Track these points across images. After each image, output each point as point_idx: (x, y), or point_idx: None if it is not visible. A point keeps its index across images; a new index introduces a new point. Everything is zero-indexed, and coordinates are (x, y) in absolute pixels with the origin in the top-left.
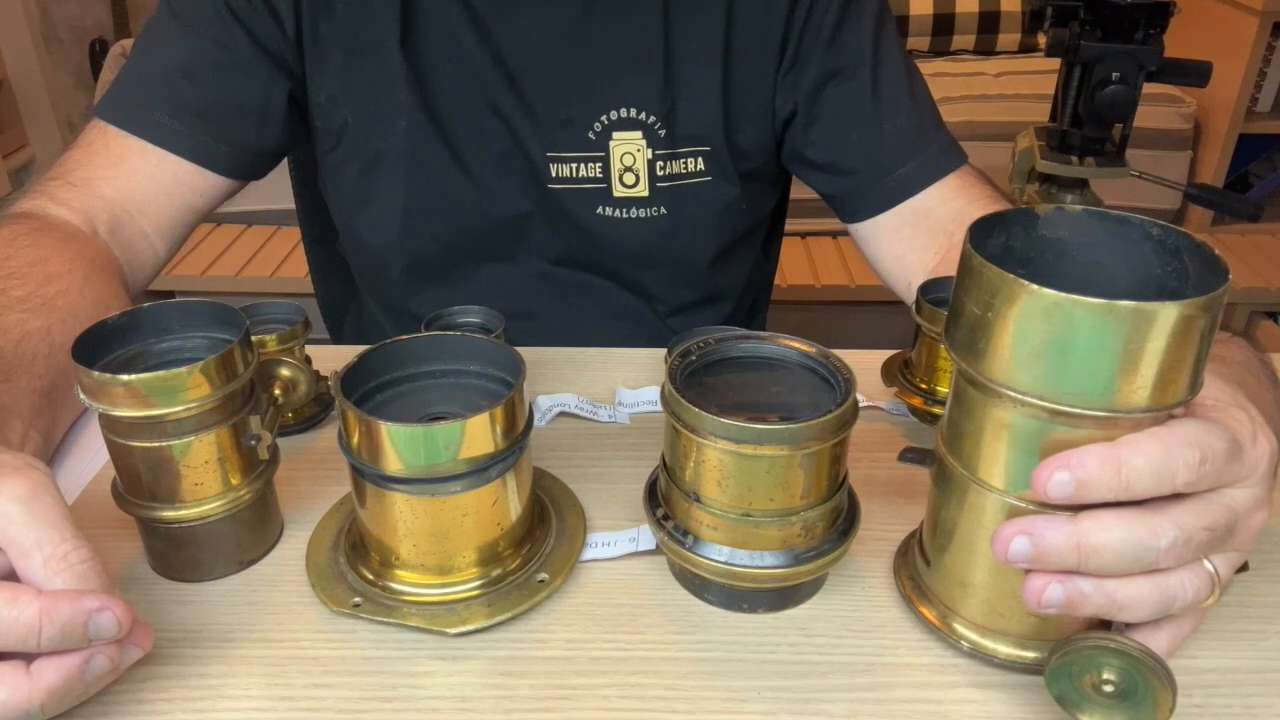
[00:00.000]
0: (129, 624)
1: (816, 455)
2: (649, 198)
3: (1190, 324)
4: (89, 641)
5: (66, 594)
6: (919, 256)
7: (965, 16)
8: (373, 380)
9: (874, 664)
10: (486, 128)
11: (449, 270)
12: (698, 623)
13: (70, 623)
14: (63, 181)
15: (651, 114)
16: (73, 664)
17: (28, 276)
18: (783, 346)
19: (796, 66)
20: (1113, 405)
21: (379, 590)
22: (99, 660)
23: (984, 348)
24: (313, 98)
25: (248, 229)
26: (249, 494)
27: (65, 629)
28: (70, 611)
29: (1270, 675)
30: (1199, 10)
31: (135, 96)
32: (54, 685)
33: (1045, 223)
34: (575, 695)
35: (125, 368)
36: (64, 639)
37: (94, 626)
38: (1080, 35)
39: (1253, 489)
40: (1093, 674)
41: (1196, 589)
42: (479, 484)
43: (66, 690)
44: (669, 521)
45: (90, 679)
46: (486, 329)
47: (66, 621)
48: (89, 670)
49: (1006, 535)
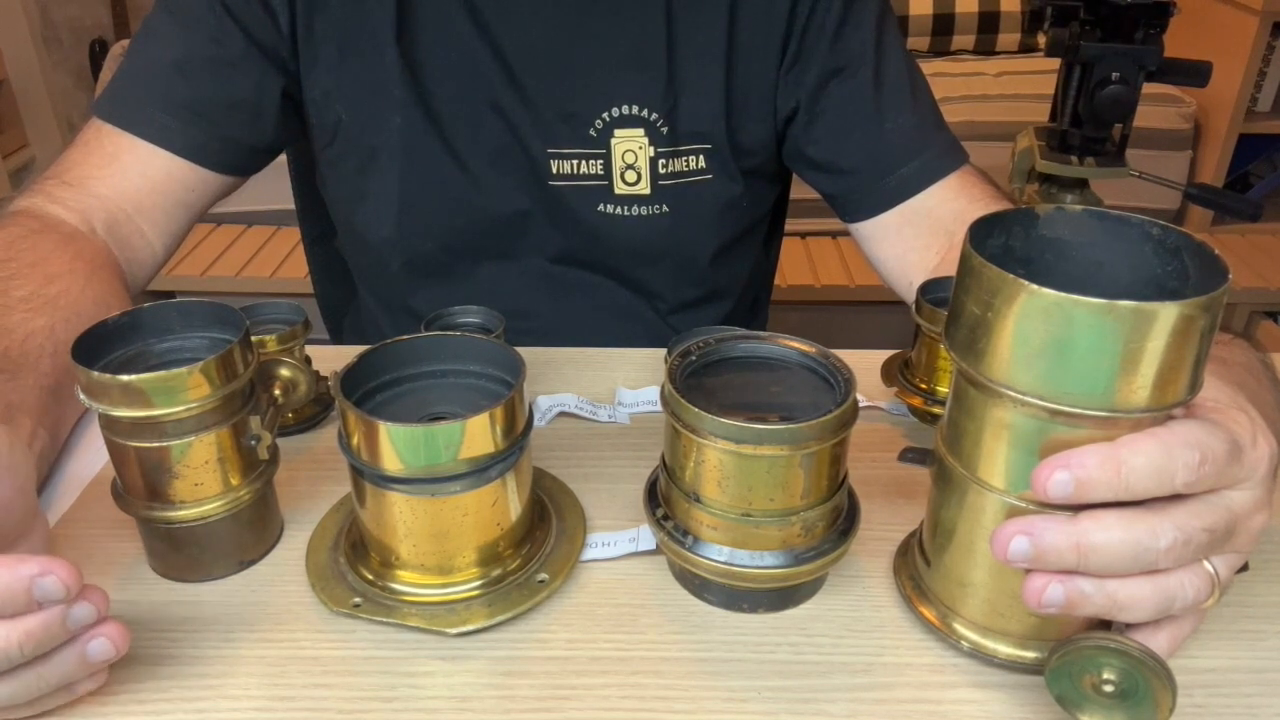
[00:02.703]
0: (76, 585)
1: (816, 455)
2: (650, 195)
3: (1190, 324)
4: (36, 606)
5: (4, 559)
6: (920, 256)
7: (965, 16)
8: (373, 380)
9: (874, 664)
10: (484, 124)
11: (447, 267)
12: (698, 623)
13: (9, 588)
14: (59, 180)
15: (654, 111)
16: (53, 611)
17: (29, 277)
18: (783, 346)
19: (799, 64)
20: (1113, 405)
21: (379, 590)
22: (98, 644)
23: (984, 348)
24: (307, 94)
25: (248, 229)
26: (249, 494)
27: (5, 596)
28: (8, 577)
29: (1270, 675)
30: (1199, 10)
31: (129, 94)
32: (32, 627)
33: (1045, 223)
34: (575, 695)
35: (125, 368)
36: (6, 606)
37: (39, 591)
38: (1080, 35)
39: (1252, 490)
40: (1093, 674)
41: (1196, 589)
42: (479, 484)
43: (45, 634)
44: (669, 521)
45: (91, 661)
46: (486, 329)
47: (5, 588)
48: (89, 653)
49: (1006, 535)
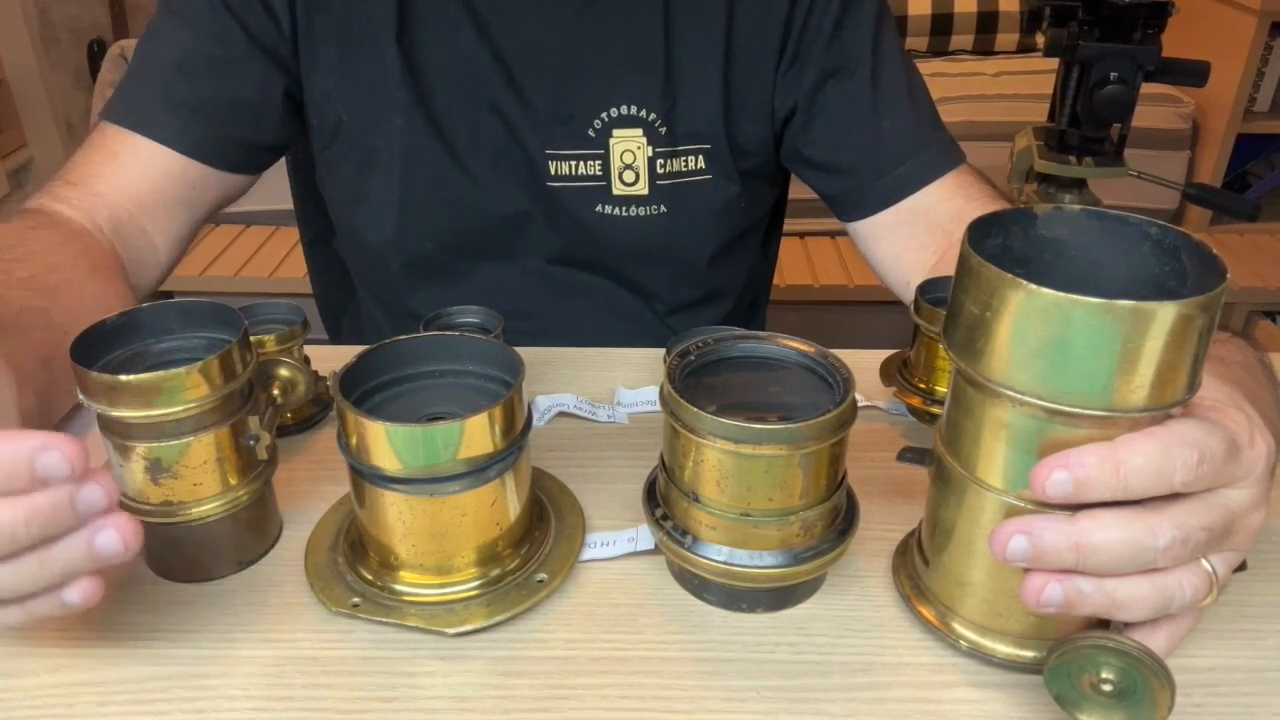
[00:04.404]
0: (81, 463)
1: (815, 455)
2: (649, 196)
3: (1188, 324)
4: (41, 483)
5: (5, 434)
6: (917, 256)
7: (963, 16)
8: (371, 380)
9: (873, 663)
10: (484, 124)
11: (447, 268)
12: (697, 623)
13: (10, 461)
14: (63, 181)
15: (652, 111)
16: (60, 490)
17: (33, 262)
18: (781, 346)
19: (796, 64)
20: (1111, 405)
21: (378, 590)
22: (107, 535)
23: (982, 347)
24: (308, 94)
25: (246, 229)
26: (247, 494)
27: (6, 470)
28: (8, 450)
29: (1269, 674)
30: (1197, 10)
31: (133, 94)
32: (40, 504)
33: (1044, 222)
34: (575, 695)
35: (124, 368)
36: (7, 481)
37: (41, 466)
38: (1078, 35)
39: (1250, 489)
40: (1091, 673)
41: (1195, 588)
42: (478, 484)
43: (53, 512)
44: (668, 521)
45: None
46: (485, 329)
47: (6, 461)
48: (96, 543)
49: (1005, 534)
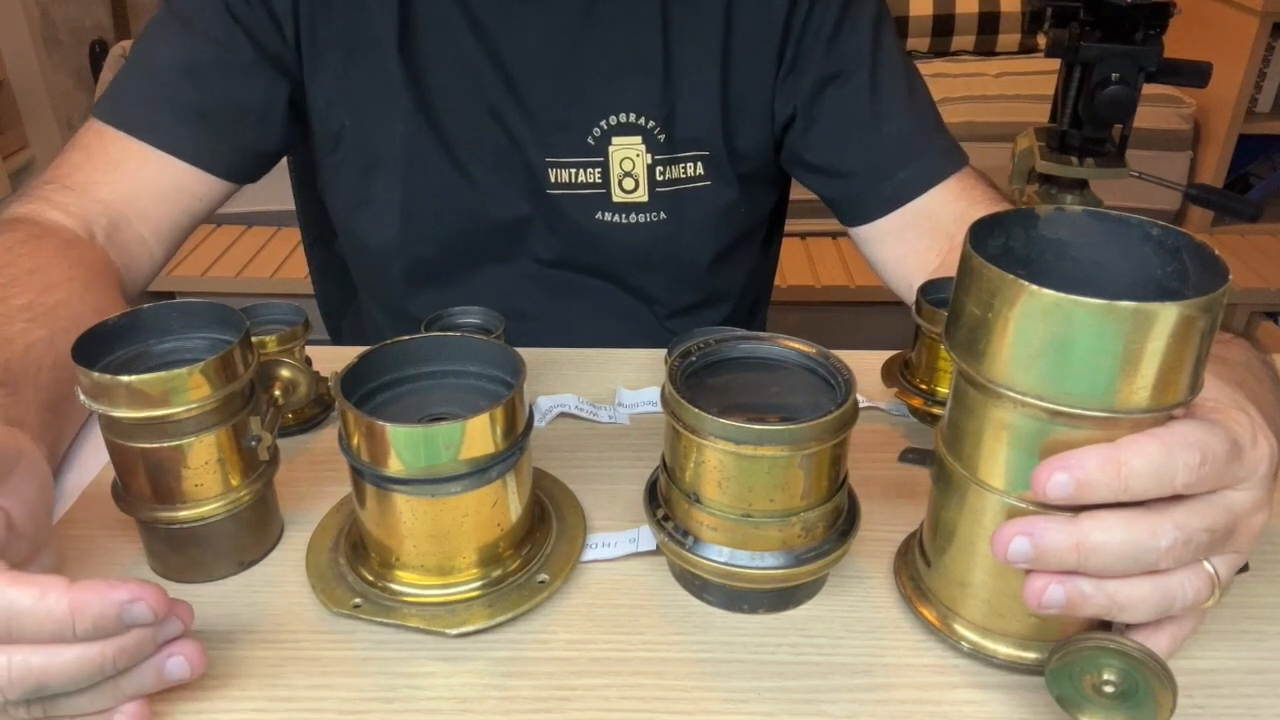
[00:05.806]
0: (164, 609)
1: (816, 456)
2: (648, 203)
3: (1190, 324)
4: (126, 630)
5: (95, 586)
6: (920, 258)
7: (965, 17)
8: (373, 381)
9: (874, 665)
10: (485, 131)
11: (447, 272)
12: (698, 623)
13: (102, 615)
14: (59, 185)
15: (651, 118)
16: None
17: (28, 284)
18: (783, 347)
19: (795, 69)
20: (1113, 406)
21: (379, 591)
22: (176, 662)
23: (984, 348)
24: (311, 101)
25: (248, 230)
26: (249, 495)
27: (97, 621)
28: (100, 605)
29: (1271, 676)
30: (1199, 10)
31: (135, 98)
32: (127, 643)
33: (1045, 223)
34: (576, 696)
35: (125, 368)
36: (98, 631)
37: (128, 617)
38: (1080, 36)
39: (1252, 490)
40: (1093, 674)
41: (1196, 590)
42: (479, 485)
43: (138, 649)
44: (669, 522)
45: (167, 678)
46: (486, 330)
47: (98, 615)
48: (166, 668)
49: (1006, 535)
